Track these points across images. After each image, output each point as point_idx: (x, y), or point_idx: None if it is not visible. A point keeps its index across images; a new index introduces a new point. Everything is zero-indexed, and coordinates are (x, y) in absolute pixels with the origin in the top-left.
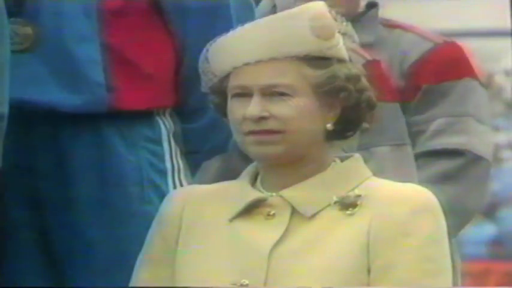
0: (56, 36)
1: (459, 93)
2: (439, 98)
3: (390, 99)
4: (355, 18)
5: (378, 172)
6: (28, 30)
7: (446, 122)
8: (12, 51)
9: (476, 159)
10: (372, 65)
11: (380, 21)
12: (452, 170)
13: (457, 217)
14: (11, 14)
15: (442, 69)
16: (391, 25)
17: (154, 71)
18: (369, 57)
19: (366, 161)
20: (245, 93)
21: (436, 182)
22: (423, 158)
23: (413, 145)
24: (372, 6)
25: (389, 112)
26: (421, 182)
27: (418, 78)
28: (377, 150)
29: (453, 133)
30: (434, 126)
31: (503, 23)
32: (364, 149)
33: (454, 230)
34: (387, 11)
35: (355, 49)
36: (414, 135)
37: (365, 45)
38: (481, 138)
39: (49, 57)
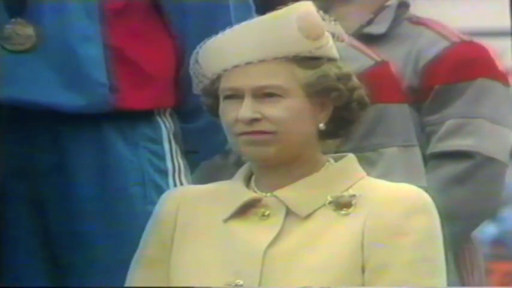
0: (58, 36)
1: (472, 94)
2: (451, 98)
3: (398, 100)
4: (378, 11)
5: (386, 173)
6: (29, 30)
7: (457, 123)
8: (14, 52)
9: (488, 161)
10: (380, 66)
11: (408, 17)
12: (462, 172)
13: (466, 220)
14: (12, 14)
15: (455, 69)
16: (417, 22)
17: (156, 71)
18: (377, 58)
19: (374, 162)
20: (236, 95)
21: (446, 184)
22: (434, 160)
23: (427, 146)
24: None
25: (397, 113)
26: (431, 184)
27: (431, 78)
28: (385, 151)
29: (464, 135)
30: (445, 127)
31: (503, 23)
32: (372, 150)
33: (463, 232)
34: None
35: (364, 50)
36: (427, 136)
37: (376, 37)
38: (494, 140)
39: (51, 57)
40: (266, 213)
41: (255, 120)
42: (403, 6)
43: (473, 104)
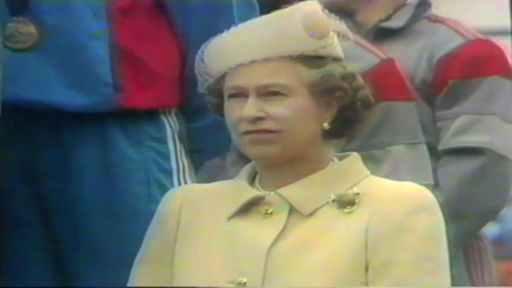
0: (63, 34)
1: (485, 90)
2: (464, 94)
3: (405, 97)
4: (398, 8)
5: (393, 171)
6: (31, 28)
7: (469, 119)
8: (16, 50)
9: (498, 158)
10: (386, 63)
11: (428, 16)
12: (473, 169)
13: (475, 216)
14: (14, 12)
15: (469, 65)
16: (435, 20)
17: (161, 71)
18: (383, 55)
19: (381, 159)
20: (241, 94)
21: (457, 180)
22: (445, 156)
23: (439, 141)
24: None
25: (403, 110)
26: (443, 180)
27: (445, 73)
28: (392, 149)
29: (475, 131)
30: (457, 123)
31: (503, 23)
32: (379, 148)
33: (472, 229)
34: None
35: (370, 49)
36: (439, 131)
37: (393, 32)
38: (505, 138)
39: (55, 56)
40: (269, 211)
41: (259, 119)
42: (423, 4)
43: (485, 101)
